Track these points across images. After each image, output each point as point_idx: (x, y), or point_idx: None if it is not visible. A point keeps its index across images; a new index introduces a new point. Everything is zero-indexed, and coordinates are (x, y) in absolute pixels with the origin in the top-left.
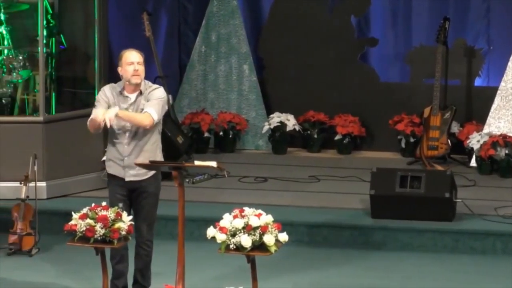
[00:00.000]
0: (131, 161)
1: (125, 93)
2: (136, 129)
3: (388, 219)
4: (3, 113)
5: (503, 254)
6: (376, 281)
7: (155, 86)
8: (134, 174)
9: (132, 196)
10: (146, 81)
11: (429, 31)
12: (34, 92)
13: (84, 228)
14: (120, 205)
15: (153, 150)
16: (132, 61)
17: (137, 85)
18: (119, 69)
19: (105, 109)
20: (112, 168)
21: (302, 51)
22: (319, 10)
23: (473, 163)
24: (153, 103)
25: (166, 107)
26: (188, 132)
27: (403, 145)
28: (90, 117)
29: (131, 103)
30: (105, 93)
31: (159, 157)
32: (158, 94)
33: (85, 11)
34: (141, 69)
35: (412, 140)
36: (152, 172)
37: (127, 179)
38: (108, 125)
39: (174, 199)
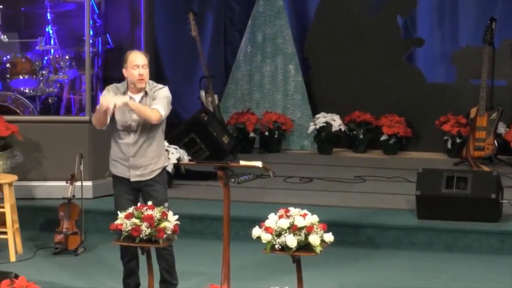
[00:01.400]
0: (136, 162)
1: (129, 93)
2: (141, 130)
3: (434, 220)
4: (50, 113)
5: None
6: (422, 282)
7: (160, 85)
8: (139, 175)
9: (139, 196)
10: (151, 82)
11: (476, 31)
12: (80, 92)
13: (130, 228)
14: (166, 204)
15: (158, 150)
16: (137, 64)
17: (142, 87)
18: (124, 71)
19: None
20: (117, 169)
21: (348, 51)
22: (365, 10)
23: None
24: (160, 100)
25: (171, 107)
26: (234, 132)
27: (449, 145)
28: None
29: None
30: (109, 92)
31: (164, 157)
32: (164, 93)
33: (131, 10)
34: (146, 72)
35: (458, 140)
36: (157, 172)
37: (132, 179)
38: (111, 112)
39: (220, 199)
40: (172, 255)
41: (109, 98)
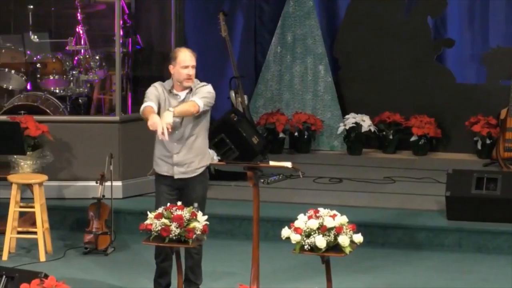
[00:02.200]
0: (180, 159)
1: (175, 91)
2: (185, 126)
3: (464, 221)
4: (80, 113)
5: None
6: (452, 283)
7: (204, 83)
8: (183, 172)
9: (180, 194)
10: (195, 79)
11: (506, 32)
12: (110, 92)
13: (159, 228)
14: (195, 205)
15: (202, 147)
16: (187, 65)
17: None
18: (171, 68)
19: (158, 116)
20: (161, 167)
21: (378, 51)
22: (396, 10)
23: None
24: (200, 95)
25: (213, 102)
26: (263, 133)
27: (479, 146)
28: (148, 121)
29: (180, 101)
30: (156, 88)
31: (208, 155)
32: (207, 89)
33: (161, 11)
34: (194, 72)
35: (488, 141)
36: (201, 170)
37: (176, 176)
38: (168, 133)
39: (249, 199)
40: (200, 254)
41: (157, 122)
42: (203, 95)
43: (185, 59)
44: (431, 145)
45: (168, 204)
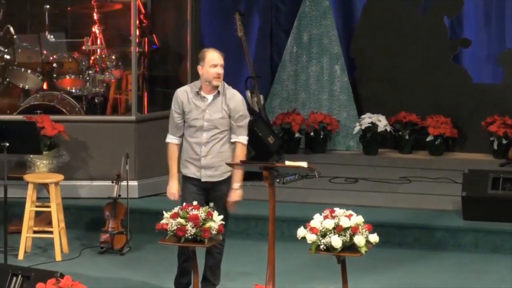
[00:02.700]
0: (208, 162)
1: (202, 93)
2: (213, 130)
3: (480, 221)
4: (96, 112)
5: None
6: (468, 283)
7: (232, 90)
8: (210, 175)
9: (207, 195)
10: (223, 82)
11: None
12: (126, 92)
13: (175, 227)
14: (211, 204)
15: (230, 151)
16: (216, 63)
17: (214, 87)
18: (199, 68)
19: (176, 184)
20: (188, 169)
21: (394, 51)
22: (412, 10)
23: None
24: (240, 123)
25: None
26: (279, 132)
27: (495, 146)
28: (167, 188)
29: (208, 104)
30: (177, 100)
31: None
32: (239, 106)
33: (177, 10)
34: (222, 72)
35: (504, 141)
36: (229, 174)
37: (203, 179)
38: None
39: (265, 199)
40: (221, 254)
41: (174, 193)
42: (244, 126)
43: (213, 58)
44: (447, 145)
45: (212, 204)
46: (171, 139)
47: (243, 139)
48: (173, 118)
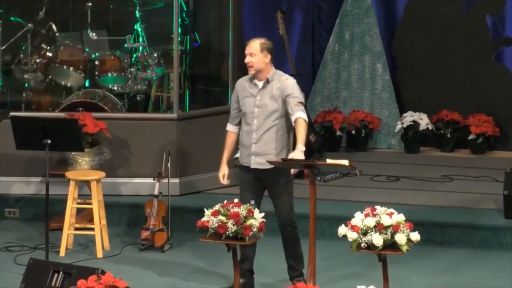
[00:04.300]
0: (258, 149)
1: (255, 81)
2: (264, 117)
3: None
4: (138, 110)
5: None
6: (510, 283)
7: (286, 77)
8: (259, 162)
9: (263, 183)
10: (277, 70)
11: None
12: (168, 90)
13: (216, 225)
14: (252, 202)
15: (281, 140)
16: (245, 53)
17: (261, 74)
18: None
19: (226, 169)
20: (241, 155)
21: (436, 50)
22: (455, 9)
23: None
24: (293, 102)
25: (302, 93)
26: (320, 131)
27: None
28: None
29: (259, 90)
30: (236, 90)
31: (286, 151)
32: (288, 87)
33: (219, 8)
34: (255, 59)
35: None
36: None
37: (252, 166)
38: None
39: (306, 197)
40: (296, 239)
41: (220, 177)
42: (297, 104)
43: (246, 48)
44: (489, 144)
45: (253, 201)
46: (228, 127)
47: (300, 114)
48: (231, 106)
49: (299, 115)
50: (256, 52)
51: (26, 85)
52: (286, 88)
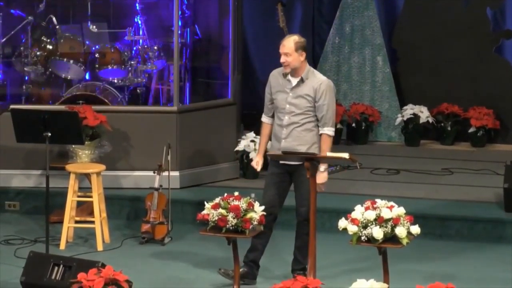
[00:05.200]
0: (287, 145)
1: (289, 76)
2: (294, 113)
3: None
4: (138, 103)
5: None
6: (510, 275)
7: (319, 77)
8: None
9: (290, 178)
10: (312, 69)
11: None
12: (168, 82)
13: (216, 218)
14: (253, 195)
15: (310, 136)
16: (280, 51)
17: (296, 71)
18: None
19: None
20: (272, 148)
21: (436, 43)
22: (455, 2)
23: None
24: (322, 112)
25: (334, 98)
26: None
27: None
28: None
29: (292, 87)
30: (270, 82)
31: (315, 147)
32: (320, 93)
33: (220, 1)
34: (290, 59)
35: None
36: None
37: (280, 161)
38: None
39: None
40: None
41: (253, 165)
42: (329, 118)
43: (280, 46)
44: (489, 137)
45: (275, 185)
46: (263, 118)
47: (327, 130)
48: (266, 98)
49: (325, 131)
50: (291, 51)
51: (26, 78)
52: (317, 93)
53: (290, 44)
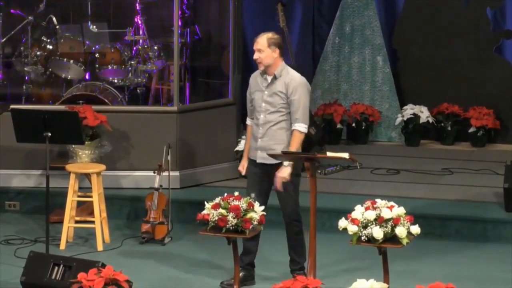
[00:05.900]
0: (263, 144)
1: (266, 75)
2: (270, 112)
3: None
4: (138, 103)
5: None
6: (510, 275)
7: (292, 73)
8: (264, 157)
9: (270, 178)
10: (287, 67)
11: None
12: (168, 82)
13: (216, 218)
14: (252, 195)
15: (286, 136)
16: (253, 48)
17: (270, 69)
18: None
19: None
20: (250, 149)
21: (436, 43)
22: (455, 2)
23: None
24: (295, 110)
25: (308, 96)
26: (321, 123)
27: None
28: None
29: (267, 85)
30: (250, 83)
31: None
32: (293, 89)
33: (220, 1)
34: (263, 55)
35: None
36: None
37: (258, 161)
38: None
39: (306, 190)
40: (300, 234)
41: (240, 170)
42: (301, 112)
43: (254, 43)
44: (490, 137)
45: (253, 194)
46: (247, 120)
47: (298, 126)
48: (247, 100)
49: (296, 127)
50: (263, 47)
51: (26, 77)
52: (289, 89)
53: (263, 40)
